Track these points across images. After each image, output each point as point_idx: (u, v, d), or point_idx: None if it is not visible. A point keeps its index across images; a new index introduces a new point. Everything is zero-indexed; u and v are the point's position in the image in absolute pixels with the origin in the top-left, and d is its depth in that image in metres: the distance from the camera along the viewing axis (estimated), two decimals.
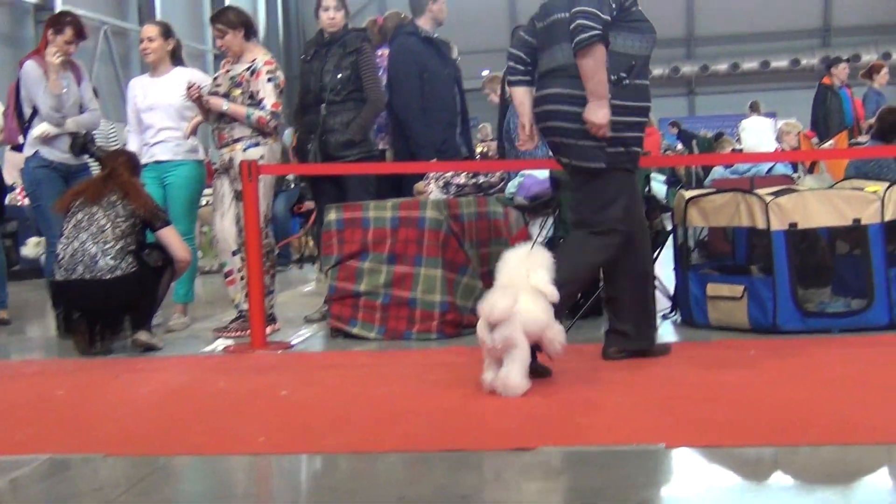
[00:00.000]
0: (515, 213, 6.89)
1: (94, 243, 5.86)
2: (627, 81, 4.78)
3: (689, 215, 6.09)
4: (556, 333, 4.54)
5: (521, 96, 5.05)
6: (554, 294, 4.47)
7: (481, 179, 6.59)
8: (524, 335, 4.35)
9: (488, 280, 6.33)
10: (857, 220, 5.71)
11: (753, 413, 3.93)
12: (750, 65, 28.55)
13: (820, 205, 5.76)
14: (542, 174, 6.40)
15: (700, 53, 28.93)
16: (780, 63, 28.52)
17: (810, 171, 8.46)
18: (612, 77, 4.72)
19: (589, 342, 5.78)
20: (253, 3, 20.50)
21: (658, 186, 6.29)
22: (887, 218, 5.68)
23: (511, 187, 6.52)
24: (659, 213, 6.42)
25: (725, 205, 5.98)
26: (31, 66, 6.89)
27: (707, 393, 4.34)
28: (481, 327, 4.35)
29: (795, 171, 8.72)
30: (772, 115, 16.74)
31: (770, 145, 10.15)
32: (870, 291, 5.66)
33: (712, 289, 5.98)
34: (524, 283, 4.46)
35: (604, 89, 4.69)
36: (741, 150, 10.43)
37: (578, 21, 4.62)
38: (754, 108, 15.21)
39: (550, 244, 6.23)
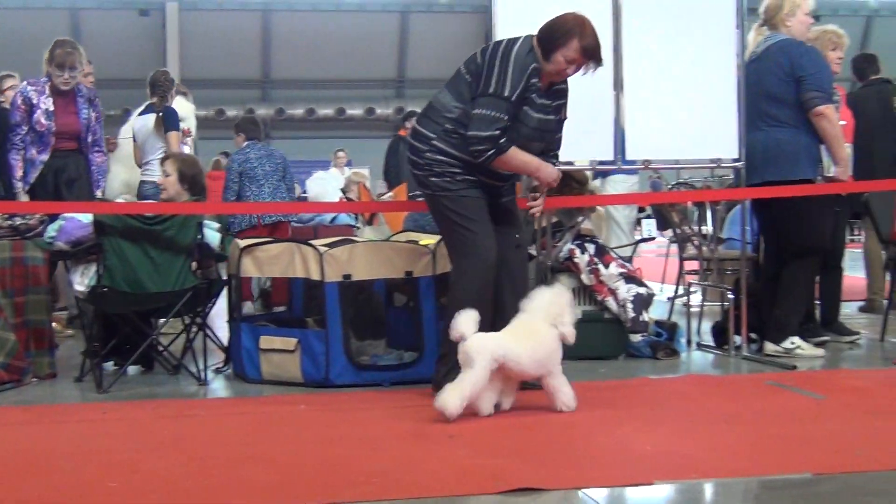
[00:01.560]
0: None
1: None
2: (456, 134, 5.09)
3: (244, 265, 5.86)
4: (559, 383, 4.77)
5: None
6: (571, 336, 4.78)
7: (18, 221, 6.04)
8: (488, 363, 4.52)
9: (22, 331, 5.82)
10: (409, 273, 5.73)
11: (298, 473, 3.82)
12: (326, 111, 29.01)
13: (374, 257, 5.74)
14: (87, 217, 5.95)
15: (276, 96, 29.03)
16: (356, 111, 29.21)
17: (369, 222, 8.53)
18: (447, 124, 5.11)
19: (137, 398, 5.45)
20: None
21: (211, 234, 6.03)
22: (438, 271, 5.73)
23: (51, 231, 6.02)
24: (213, 261, 6.17)
25: (280, 255, 5.81)
26: None
27: (253, 452, 4.16)
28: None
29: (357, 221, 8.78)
30: (347, 163, 16.97)
31: (334, 195, 10.20)
32: (420, 344, 5.69)
33: (266, 341, 5.78)
34: (532, 322, 4.71)
35: (532, 166, 5.16)
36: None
37: (471, 149, 4.99)
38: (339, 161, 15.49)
39: (92, 294, 5.79)
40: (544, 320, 4.75)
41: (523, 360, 4.66)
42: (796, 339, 6.31)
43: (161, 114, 8.23)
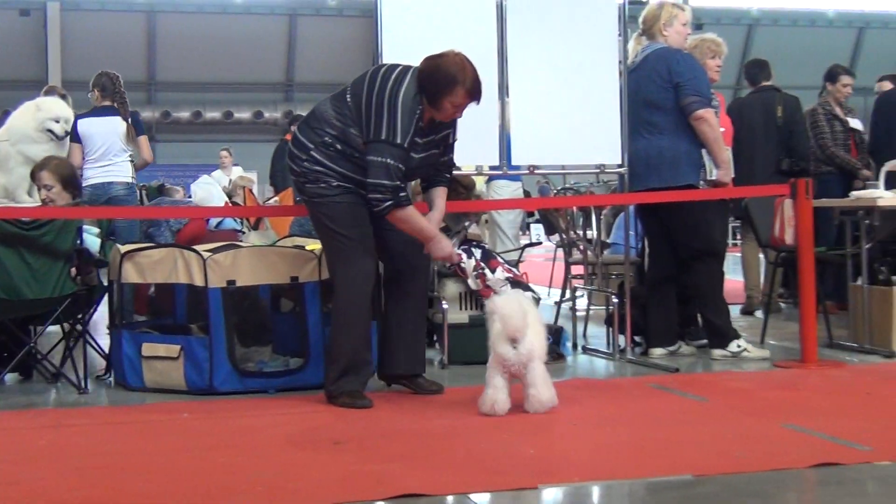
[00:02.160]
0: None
1: None
2: (333, 148, 5.09)
3: (125, 270, 5.74)
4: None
5: None
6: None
7: None
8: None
9: None
10: (294, 278, 5.68)
11: (180, 481, 3.77)
12: (213, 114, 28.66)
13: (259, 262, 5.68)
14: None
15: (161, 99, 28.57)
16: (244, 114, 28.93)
17: (255, 227, 8.44)
18: (326, 137, 5.10)
19: (14, 408, 5.31)
20: None
21: (91, 239, 5.90)
22: (324, 276, 5.68)
23: None
24: (93, 267, 6.03)
25: (163, 260, 5.71)
26: None
27: (134, 461, 4.10)
28: (501, 345, 4.71)
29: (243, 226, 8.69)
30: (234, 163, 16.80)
31: (220, 199, 10.07)
32: (305, 350, 5.64)
33: (148, 349, 5.67)
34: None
35: (427, 234, 5.17)
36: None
37: (371, 196, 4.99)
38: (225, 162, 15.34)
39: None
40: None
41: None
42: (742, 342, 6.38)
43: (130, 119, 8.14)
